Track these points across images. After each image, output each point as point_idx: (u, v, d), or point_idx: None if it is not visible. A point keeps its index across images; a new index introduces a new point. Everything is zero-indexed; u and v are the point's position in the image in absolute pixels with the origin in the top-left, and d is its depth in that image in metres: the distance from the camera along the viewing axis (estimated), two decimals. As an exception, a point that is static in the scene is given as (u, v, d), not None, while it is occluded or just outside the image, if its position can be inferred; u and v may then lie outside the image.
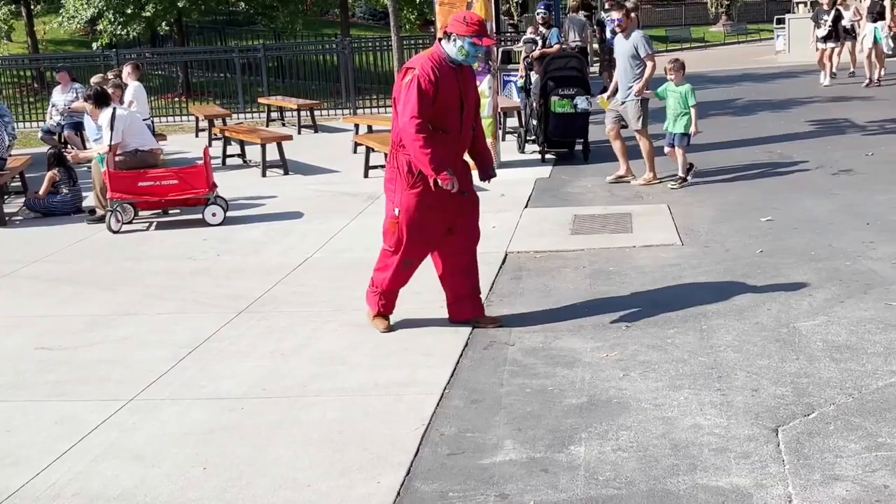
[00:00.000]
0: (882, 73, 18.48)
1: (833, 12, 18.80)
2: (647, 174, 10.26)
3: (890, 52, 18.90)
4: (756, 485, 3.76)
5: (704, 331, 5.60)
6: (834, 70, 19.27)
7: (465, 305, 5.95)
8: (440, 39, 5.58)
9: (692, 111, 9.79)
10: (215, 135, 15.14)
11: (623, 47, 10.28)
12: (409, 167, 5.53)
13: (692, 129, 9.87)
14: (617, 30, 10.76)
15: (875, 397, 4.47)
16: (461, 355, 5.45)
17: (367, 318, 5.99)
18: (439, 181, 5.38)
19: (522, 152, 13.08)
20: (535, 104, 12.45)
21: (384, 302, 5.94)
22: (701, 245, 7.60)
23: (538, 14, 14.62)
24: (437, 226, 5.68)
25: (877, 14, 18.32)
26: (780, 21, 30.89)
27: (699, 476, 3.87)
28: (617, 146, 10.51)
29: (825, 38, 18.73)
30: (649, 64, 10.01)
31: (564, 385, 4.92)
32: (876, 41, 18.01)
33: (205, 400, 5.02)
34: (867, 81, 18.06)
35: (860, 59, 19.39)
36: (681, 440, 4.19)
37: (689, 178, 10.06)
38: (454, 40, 5.39)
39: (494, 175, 6.06)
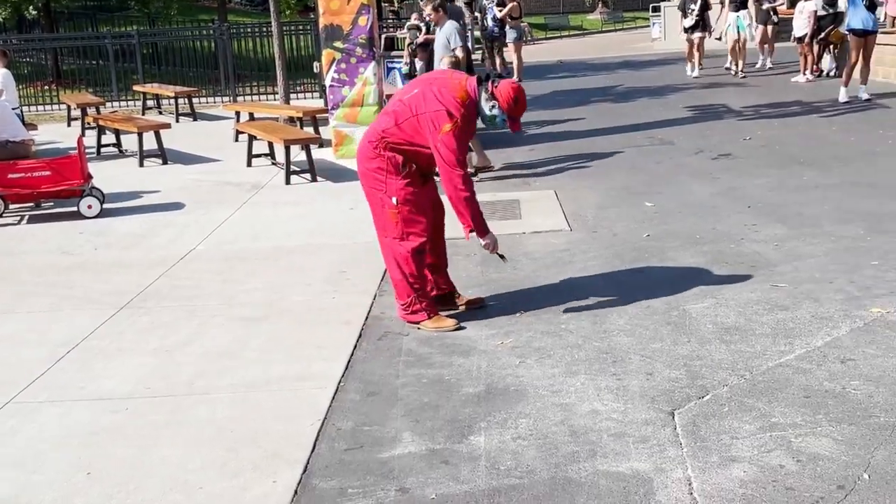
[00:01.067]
0: (742, 64, 18.30)
1: (700, 1, 18.38)
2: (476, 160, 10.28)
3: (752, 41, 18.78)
4: (656, 469, 3.78)
5: (597, 315, 5.63)
6: (700, 62, 19.14)
7: (446, 277, 5.98)
8: (480, 82, 5.51)
9: None
10: (89, 124, 14.62)
11: (438, 39, 10.31)
12: (402, 162, 5.50)
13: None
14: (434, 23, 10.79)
15: (766, 377, 4.55)
16: (355, 347, 5.35)
17: (430, 331, 5.55)
18: (482, 241, 5.64)
19: (408, 140, 12.98)
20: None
21: (424, 301, 5.64)
22: (589, 230, 7.66)
23: (422, 1, 14.53)
24: (428, 203, 5.69)
25: (739, 3, 18.04)
26: (656, 9, 31.53)
27: (599, 462, 3.86)
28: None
29: (692, 28, 18.40)
30: (459, 55, 9.96)
31: (461, 374, 4.87)
32: (740, 31, 17.89)
33: (86, 401, 4.80)
34: (739, 74, 17.93)
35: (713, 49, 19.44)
36: (579, 426, 4.19)
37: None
38: (494, 106, 5.44)
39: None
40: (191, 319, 5.99)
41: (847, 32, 14.07)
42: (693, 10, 18.34)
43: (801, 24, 16.54)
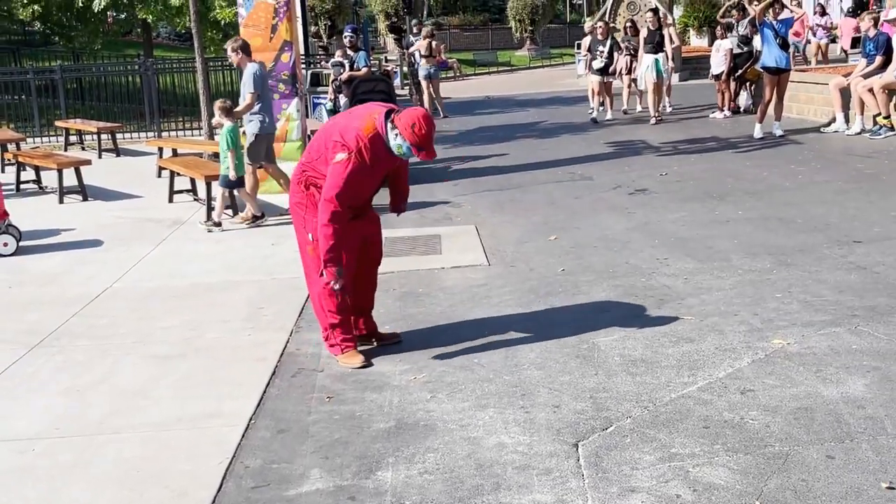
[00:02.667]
0: (668, 103, 17.89)
1: (609, 42, 17.37)
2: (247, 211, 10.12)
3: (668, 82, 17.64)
4: (557, 500, 3.86)
5: (509, 350, 5.72)
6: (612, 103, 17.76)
7: (367, 319, 5.96)
8: (386, 117, 5.37)
9: (229, 154, 9.65)
10: (8, 160, 14.41)
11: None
12: (314, 185, 5.50)
13: (231, 173, 9.66)
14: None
15: (668, 409, 4.67)
16: (268, 384, 5.36)
17: (343, 366, 5.58)
18: (325, 273, 5.36)
19: (332, 175, 13.04)
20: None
21: (341, 338, 5.66)
22: (507, 265, 7.76)
23: (345, 37, 14.66)
24: (354, 240, 5.58)
25: (656, 45, 16.81)
26: (581, 46, 32.03)
27: (503, 495, 3.93)
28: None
29: (602, 71, 17.32)
30: (248, 98, 9.94)
31: (373, 410, 4.91)
32: (658, 74, 16.72)
33: (-7, 443, 4.74)
34: (653, 119, 16.62)
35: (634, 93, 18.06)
36: (485, 459, 4.25)
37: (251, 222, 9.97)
38: (397, 136, 5.31)
39: (404, 210, 6.23)
40: (104, 358, 5.95)
41: (761, 70, 14.53)
42: (602, 52, 17.37)
43: (719, 62, 16.95)
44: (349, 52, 14.39)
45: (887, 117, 13.37)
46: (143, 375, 5.62)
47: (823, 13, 24.52)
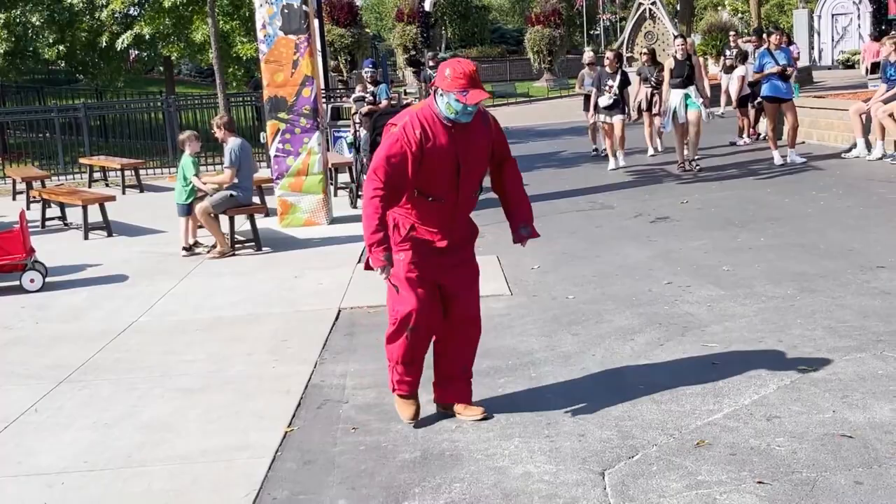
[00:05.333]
0: (693, 152, 14.19)
1: (619, 75, 14.64)
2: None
3: (707, 120, 14.33)
4: (585, 529, 3.85)
5: (533, 378, 5.72)
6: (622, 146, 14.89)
7: (450, 388, 5.19)
8: (435, 91, 4.71)
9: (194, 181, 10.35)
10: (34, 197, 14.57)
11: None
12: (395, 224, 4.86)
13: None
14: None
15: (693, 436, 4.66)
16: (293, 416, 5.38)
17: (397, 409, 5.19)
18: (370, 258, 4.69)
19: (355, 207, 13.12)
20: (364, 160, 12.53)
21: (398, 378, 5.10)
22: (529, 294, 7.77)
23: (365, 72, 14.81)
24: (427, 283, 4.86)
25: (686, 78, 13.89)
26: (580, 81, 32.06)
27: (530, 524, 3.93)
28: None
29: (610, 109, 14.54)
30: (227, 174, 10.37)
31: (398, 440, 4.92)
32: (689, 106, 13.89)
33: (22, 477, 4.78)
34: (680, 167, 14.09)
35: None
36: (512, 489, 4.25)
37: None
38: (441, 95, 4.62)
39: (529, 236, 5.19)
40: (131, 392, 5.99)
41: (762, 99, 14.62)
42: (611, 87, 14.56)
43: (736, 89, 17.02)
44: (369, 86, 14.53)
45: (908, 142, 13.34)
46: (168, 408, 5.65)
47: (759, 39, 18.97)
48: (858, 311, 6.52)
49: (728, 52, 19.57)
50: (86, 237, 11.96)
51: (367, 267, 4.85)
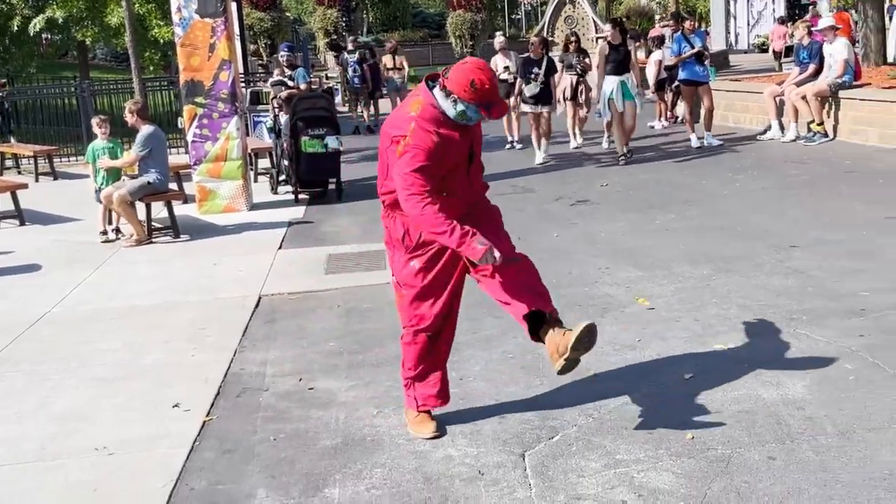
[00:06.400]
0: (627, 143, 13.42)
1: (546, 62, 13.80)
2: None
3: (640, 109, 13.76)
4: (505, 511, 3.87)
5: (455, 362, 5.69)
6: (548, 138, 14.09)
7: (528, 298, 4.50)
8: (432, 87, 4.41)
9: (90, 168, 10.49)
10: (-58, 186, 14.12)
11: None
12: (406, 230, 4.58)
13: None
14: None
15: (612, 416, 4.71)
16: (212, 405, 5.31)
17: (412, 430, 4.77)
18: (472, 254, 4.25)
19: (275, 193, 13.01)
20: (285, 145, 12.42)
21: (426, 389, 4.77)
22: (451, 278, 7.77)
23: (282, 56, 14.68)
24: (442, 289, 4.63)
25: (620, 63, 13.24)
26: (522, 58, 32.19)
27: (451, 507, 3.94)
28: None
29: (537, 98, 13.70)
30: (132, 155, 10.28)
31: (319, 427, 4.89)
32: (628, 98, 13.25)
33: (-70, 473, 4.64)
34: (622, 159, 13.20)
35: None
36: (433, 472, 4.26)
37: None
38: (455, 101, 4.31)
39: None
40: (44, 383, 5.85)
41: (679, 82, 14.86)
42: (537, 74, 13.66)
43: (654, 73, 17.23)
44: (287, 69, 14.40)
45: (821, 124, 13.66)
46: (84, 399, 5.54)
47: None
48: (772, 290, 6.65)
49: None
50: (-3, 226, 11.66)
51: (474, 266, 4.45)
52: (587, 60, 14.48)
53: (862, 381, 4.91)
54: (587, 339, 4.29)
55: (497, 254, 4.26)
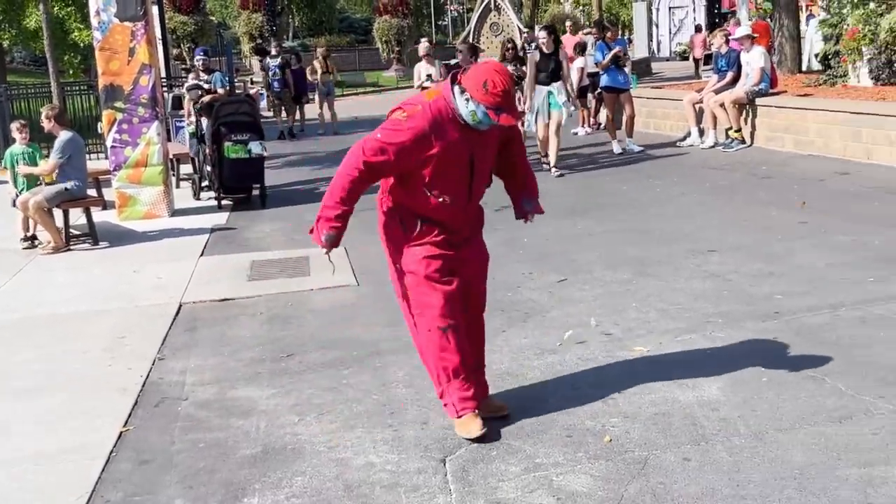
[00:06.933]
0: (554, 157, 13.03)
1: (447, 65, 14.02)
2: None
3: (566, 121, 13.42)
4: (425, 517, 3.88)
5: (378, 368, 5.72)
6: None
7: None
8: (452, 83, 4.32)
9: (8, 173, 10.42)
10: None
11: None
12: (401, 220, 4.55)
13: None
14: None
15: (532, 420, 4.74)
16: (130, 415, 5.23)
17: (459, 432, 4.59)
18: (315, 227, 4.40)
19: (198, 199, 12.87)
20: (208, 150, 12.28)
21: (461, 392, 4.59)
22: (377, 284, 7.74)
23: (197, 60, 14.56)
24: (448, 275, 4.55)
25: (551, 73, 12.94)
26: (448, 65, 32.32)
27: (371, 514, 3.93)
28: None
29: None
30: (51, 163, 10.06)
31: (239, 436, 4.84)
32: (551, 106, 12.98)
33: None
34: (554, 171, 12.85)
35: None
36: (353, 480, 4.24)
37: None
38: (468, 100, 4.22)
39: (535, 212, 5.11)
40: (-44, 396, 5.70)
41: (602, 89, 15.11)
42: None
43: (576, 80, 17.42)
44: (203, 74, 14.28)
45: (738, 130, 13.95)
46: (0, 412, 5.41)
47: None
48: (690, 293, 6.77)
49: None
50: None
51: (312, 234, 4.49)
52: (524, 68, 14.16)
53: (774, 382, 5.02)
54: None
55: (329, 257, 4.47)
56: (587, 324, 6.24)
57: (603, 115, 17.70)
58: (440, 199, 4.40)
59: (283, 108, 20.93)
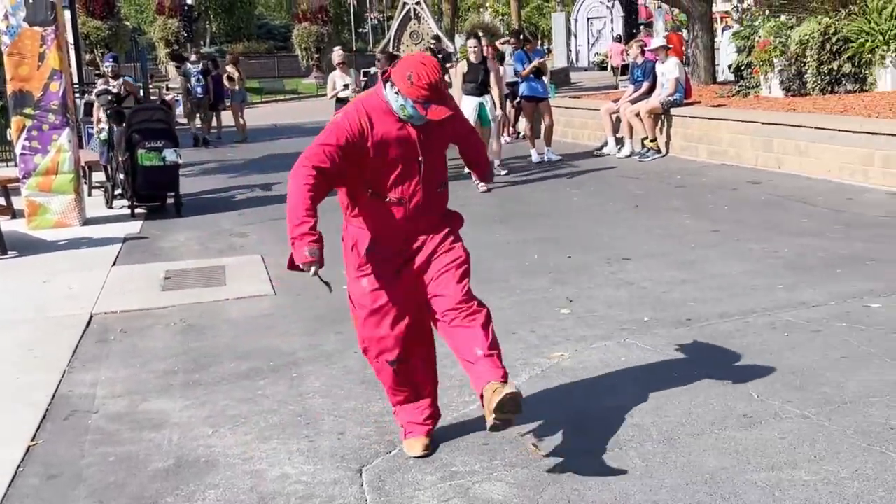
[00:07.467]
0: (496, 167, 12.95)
1: (366, 73, 13.88)
2: None
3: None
4: (340, 527, 3.86)
5: (294, 379, 5.68)
6: None
7: (473, 374, 4.19)
8: (384, 81, 4.18)
9: None
10: None
11: None
12: (354, 244, 4.39)
13: None
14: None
15: (449, 429, 4.75)
16: (38, 429, 5.10)
17: (404, 446, 4.54)
18: (293, 254, 4.14)
19: (111, 207, 12.65)
20: (120, 157, 12.07)
21: (412, 417, 4.55)
22: (293, 294, 7.70)
23: (106, 66, 14.41)
24: (398, 305, 4.33)
25: (480, 84, 12.77)
26: (367, 73, 32.33)
27: (286, 526, 3.90)
28: None
29: None
30: None
31: (151, 449, 4.76)
32: (485, 122, 12.87)
33: None
34: (482, 185, 12.12)
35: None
36: (268, 492, 4.20)
37: None
38: (397, 94, 4.07)
39: (488, 179, 5.43)
40: None
41: (521, 98, 15.28)
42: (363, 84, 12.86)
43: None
44: (112, 80, 14.11)
45: (654, 140, 14.20)
46: None
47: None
48: (605, 301, 6.86)
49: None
50: None
51: (292, 266, 4.23)
52: (446, 79, 14.38)
53: (686, 388, 5.10)
54: (511, 404, 3.93)
55: (313, 270, 4.06)
56: (505, 332, 6.26)
57: (522, 124, 17.88)
58: (387, 200, 4.21)
59: (198, 114, 20.72)
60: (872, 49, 13.88)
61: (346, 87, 14.81)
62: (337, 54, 16.52)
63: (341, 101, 14.49)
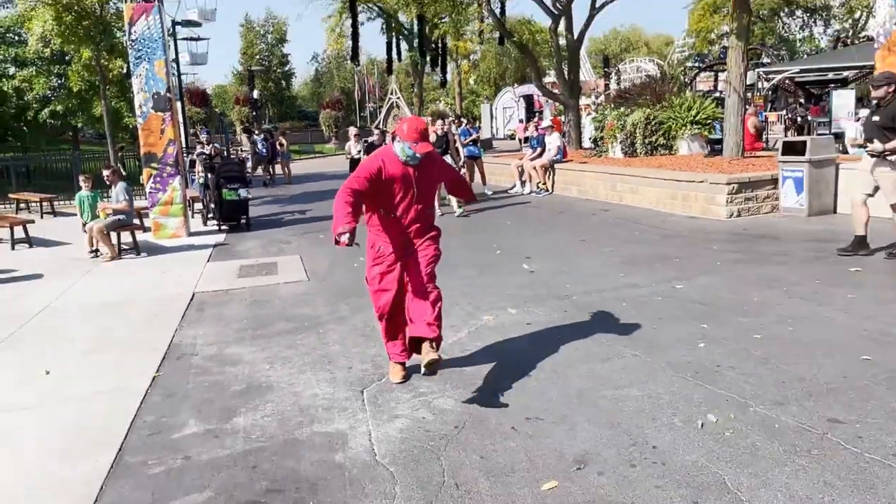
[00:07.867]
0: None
1: (377, 134, 12.93)
2: None
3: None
4: (349, 427, 3.82)
5: (320, 334, 5.61)
6: None
7: (415, 328, 4.13)
8: (392, 138, 4.17)
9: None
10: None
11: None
12: (373, 244, 4.22)
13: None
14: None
15: (418, 367, 4.69)
16: (160, 365, 4.99)
17: (389, 373, 4.48)
18: (334, 234, 3.86)
19: (206, 225, 12.39)
20: (212, 194, 11.87)
21: (392, 350, 4.45)
22: (320, 280, 7.62)
23: (203, 137, 14.13)
24: (392, 284, 4.24)
25: (443, 152, 11.37)
26: (366, 141, 31.93)
27: (315, 426, 3.85)
28: None
29: None
30: (124, 203, 9.36)
31: (231, 379, 4.68)
32: None
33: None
34: (464, 213, 11.58)
35: None
36: (304, 405, 4.15)
37: None
38: (399, 142, 4.02)
39: (470, 200, 4.84)
40: (55, 357, 5.33)
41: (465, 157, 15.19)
42: (360, 152, 11.99)
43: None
44: (206, 145, 13.88)
45: (544, 184, 14.20)
46: (74, 364, 5.08)
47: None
48: (515, 284, 6.84)
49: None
50: (12, 248, 10.59)
51: (337, 242, 3.88)
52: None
53: (564, 336, 5.10)
54: (434, 365, 3.96)
55: (344, 239, 3.81)
56: (451, 305, 6.24)
57: (465, 174, 17.80)
58: (391, 216, 4.11)
59: (263, 167, 20.45)
60: (676, 129, 14.04)
61: (359, 151, 14.67)
62: (352, 131, 16.49)
63: (354, 161, 14.20)
